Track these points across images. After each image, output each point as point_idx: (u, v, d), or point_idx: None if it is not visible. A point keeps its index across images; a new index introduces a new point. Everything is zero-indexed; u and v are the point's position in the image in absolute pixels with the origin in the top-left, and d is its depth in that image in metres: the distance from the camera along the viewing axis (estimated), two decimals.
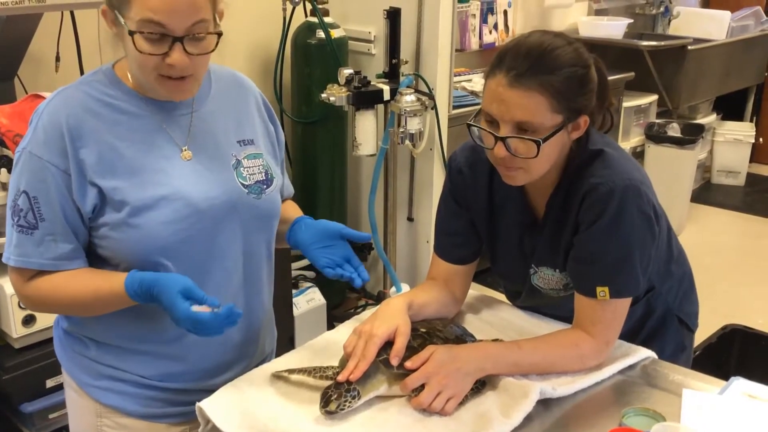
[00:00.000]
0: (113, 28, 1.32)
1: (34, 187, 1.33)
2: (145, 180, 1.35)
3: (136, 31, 1.26)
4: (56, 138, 1.32)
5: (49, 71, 2.80)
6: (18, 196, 1.34)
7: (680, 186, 4.48)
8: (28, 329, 2.17)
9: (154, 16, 1.25)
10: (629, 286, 1.47)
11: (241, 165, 1.47)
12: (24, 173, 1.33)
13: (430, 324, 1.54)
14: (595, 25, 4.66)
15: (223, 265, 1.45)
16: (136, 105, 1.38)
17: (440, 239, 1.69)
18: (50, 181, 1.32)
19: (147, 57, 1.28)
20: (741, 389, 1.41)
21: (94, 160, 1.33)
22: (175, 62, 1.28)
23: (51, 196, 1.33)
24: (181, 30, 1.27)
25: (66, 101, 1.35)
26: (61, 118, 1.33)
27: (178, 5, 1.25)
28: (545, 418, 1.36)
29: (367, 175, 3.54)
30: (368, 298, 3.72)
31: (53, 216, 1.34)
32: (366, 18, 3.40)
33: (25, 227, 1.34)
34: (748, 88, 5.58)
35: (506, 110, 1.37)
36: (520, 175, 1.45)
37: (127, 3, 1.26)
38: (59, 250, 1.36)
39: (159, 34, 1.26)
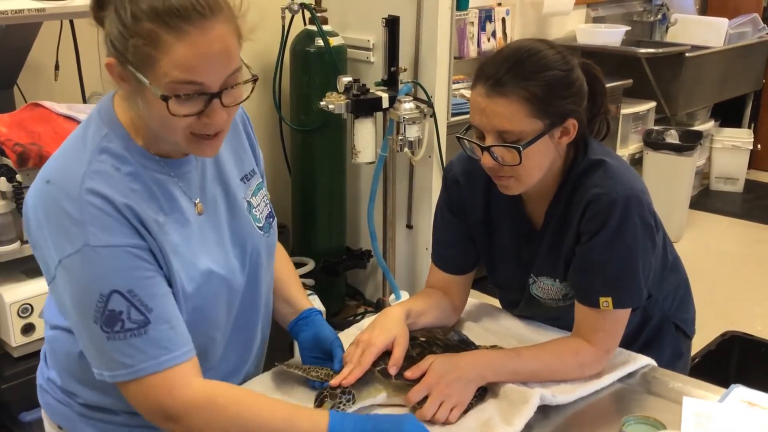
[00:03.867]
0: (123, 85, 1.16)
1: (121, 279, 1.14)
2: (188, 255, 1.24)
3: (169, 95, 1.11)
4: (120, 221, 1.15)
5: (48, 80, 2.80)
6: (104, 301, 1.13)
7: (679, 193, 4.48)
8: (27, 338, 2.17)
9: (189, 75, 1.10)
10: (633, 296, 1.47)
11: (252, 206, 1.39)
12: (97, 273, 1.13)
13: (429, 332, 1.54)
14: (593, 33, 4.67)
15: (252, 309, 1.42)
16: (154, 168, 1.23)
17: (437, 249, 1.69)
18: (135, 265, 1.15)
19: (179, 119, 1.13)
20: (741, 397, 1.41)
21: (152, 240, 1.19)
22: (214, 121, 1.16)
23: (144, 280, 1.16)
24: (218, 85, 1.13)
25: (107, 182, 1.16)
26: (114, 200, 1.16)
27: (213, 59, 1.12)
28: (545, 426, 1.36)
29: (366, 183, 3.54)
30: (367, 305, 3.71)
31: (160, 301, 1.17)
32: (365, 26, 3.40)
33: (134, 329, 1.14)
34: (746, 94, 5.58)
35: (487, 120, 1.38)
36: (512, 184, 1.45)
37: (151, 61, 1.10)
38: (182, 334, 1.19)
39: (194, 93, 1.12)
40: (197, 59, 1.10)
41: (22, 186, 2.08)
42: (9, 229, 2.13)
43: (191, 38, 1.09)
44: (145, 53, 1.10)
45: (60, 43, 2.76)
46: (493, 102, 1.36)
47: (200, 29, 1.10)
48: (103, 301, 1.13)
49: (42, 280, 2.15)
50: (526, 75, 1.36)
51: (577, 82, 1.41)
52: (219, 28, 1.12)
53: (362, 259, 3.62)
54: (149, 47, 1.10)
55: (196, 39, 1.10)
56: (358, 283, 3.81)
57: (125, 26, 1.11)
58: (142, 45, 1.10)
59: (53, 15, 2.25)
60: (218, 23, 1.11)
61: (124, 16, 1.11)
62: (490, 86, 1.36)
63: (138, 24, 1.10)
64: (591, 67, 1.48)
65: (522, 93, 1.35)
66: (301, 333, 1.49)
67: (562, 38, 4.66)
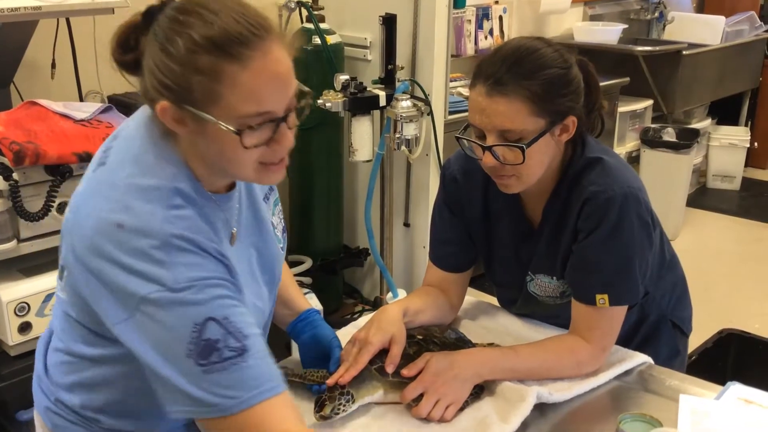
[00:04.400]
0: (179, 128, 1.08)
1: (216, 308, 1.06)
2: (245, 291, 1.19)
3: (242, 129, 1.05)
4: (205, 257, 1.09)
5: (45, 78, 2.79)
6: (198, 331, 1.04)
7: (675, 191, 4.49)
8: (24, 337, 2.17)
9: (259, 104, 1.05)
10: (629, 294, 1.47)
11: (275, 227, 1.34)
12: (189, 305, 1.05)
13: (427, 330, 1.54)
14: (590, 31, 4.67)
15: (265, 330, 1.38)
16: (211, 207, 1.16)
17: (435, 248, 1.69)
18: (225, 294, 1.09)
19: (251, 151, 1.08)
20: (738, 394, 1.41)
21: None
22: (284, 145, 1.11)
23: (236, 308, 1.09)
24: (284, 109, 1.08)
25: (189, 225, 1.09)
26: (201, 241, 1.09)
27: (279, 83, 1.07)
28: (542, 424, 1.36)
29: (363, 181, 3.54)
30: (365, 303, 3.71)
31: (251, 330, 1.10)
32: (362, 24, 3.40)
33: (233, 357, 1.05)
34: (743, 92, 5.58)
35: (488, 120, 1.37)
36: (513, 183, 1.45)
37: (215, 96, 1.03)
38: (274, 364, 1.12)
39: (264, 122, 1.07)
40: (265, 86, 1.05)
41: (18, 184, 2.07)
42: (5, 227, 2.13)
43: (255, 64, 1.03)
44: (207, 89, 1.03)
45: (56, 41, 2.76)
46: (494, 101, 1.36)
47: (261, 51, 1.04)
48: (197, 331, 1.04)
49: (39, 279, 2.17)
50: (526, 74, 1.36)
51: (575, 79, 1.41)
52: (276, 48, 1.06)
53: (359, 257, 3.62)
54: (212, 82, 1.03)
55: (261, 64, 1.04)
56: (355, 282, 3.81)
57: (180, 63, 1.03)
58: (202, 81, 1.03)
59: (50, 13, 2.24)
60: (274, 43, 1.06)
61: (176, 53, 1.03)
62: (491, 86, 1.36)
63: (195, 59, 1.02)
64: (585, 64, 1.48)
65: (523, 92, 1.35)
66: (301, 334, 1.48)
67: (559, 36, 4.66)
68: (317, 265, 3.46)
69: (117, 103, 2.61)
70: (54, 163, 2.11)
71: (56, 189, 2.12)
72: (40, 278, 2.20)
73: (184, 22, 1.04)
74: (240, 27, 1.04)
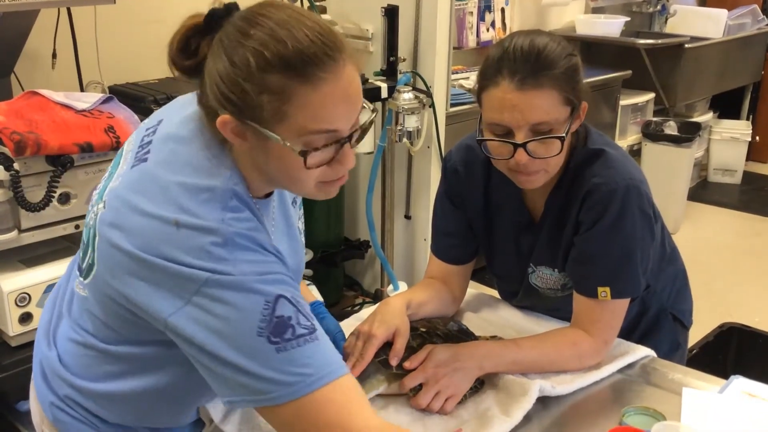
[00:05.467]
0: (238, 141, 1.06)
1: (285, 288, 1.05)
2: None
3: (308, 150, 1.03)
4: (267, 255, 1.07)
5: (45, 68, 2.79)
6: (270, 307, 1.02)
7: (677, 184, 4.48)
8: (24, 327, 2.17)
9: (327, 126, 1.03)
10: (630, 287, 1.47)
11: (300, 231, 1.33)
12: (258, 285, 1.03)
13: (429, 323, 1.54)
14: (592, 23, 4.66)
15: None
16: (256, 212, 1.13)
17: (437, 239, 1.69)
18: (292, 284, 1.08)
19: (314, 170, 1.06)
20: (741, 388, 1.41)
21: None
22: (346, 165, 1.09)
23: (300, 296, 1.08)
24: (349, 128, 1.07)
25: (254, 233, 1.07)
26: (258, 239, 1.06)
27: (349, 105, 1.05)
28: (544, 418, 1.36)
29: (364, 173, 3.53)
30: (365, 296, 3.71)
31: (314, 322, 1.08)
32: (363, 15, 3.39)
33: (306, 333, 1.03)
34: (745, 86, 5.58)
35: (521, 115, 1.34)
36: (540, 177, 1.43)
37: (282, 115, 1.01)
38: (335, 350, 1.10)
39: (330, 143, 1.05)
40: (334, 108, 1.03)
41: (19, 174, 2.07)
42: (6, 218, 2.12)
43: (327, 86, 1.01)
44: (275, 108, 1.01)
45: (57, 31, 2.75)
46: (528, 95, 1.33)
47: (334, 74, 1.02)
48: (269, 308, 1.01)
49: (39, 269, 2.17)
50: (549, 64, 1.34)
51: (581, 66, 1.41)
52: (348, 69, 1.04)
53: (360, 249, 3.61)
54: (281, 102, 1.00)
55: (332, 86, 1.02)
56: (356, 274, 3.81)
57: (249, 80, 1.00)
58: (271, 100, 1.00)
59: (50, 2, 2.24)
60: (346, 64, 1.04)
61: (244, 69, 1.00)
62: (520, 81, 1.33)
63: (266, 77, 1.00)
64: None
65: (553, 82, 1.34)
66: None
67: (561, 29, 4.65)
68: (318, 257, 3.46)
69: (118, 93, 2.60)
70: (55, 153, 2.10)
71: (57, 179, 2.11)
72: (41, 269, 2.19)
73: (255, 37, 1.01)
74: (314, 47, 1.01)
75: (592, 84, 3.84)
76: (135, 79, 2.88)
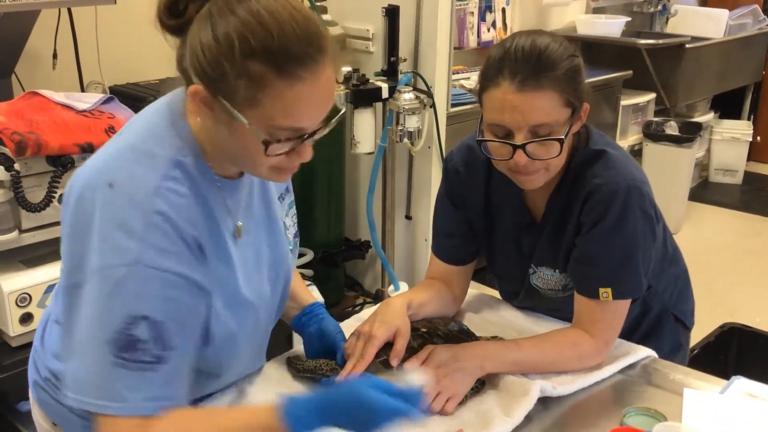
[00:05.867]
0: (205, 111, 1.08)
1: (162, 309, 1.05)
2: (229, 281, 1.19)
3: (271, 140, 1.06)
4: (179, 246, 1.07)
5: (46, 68, 2.79)
6: (130, 324, 1.03)
7: (678, 184, 4.48)
8: (25, 327, 2.17)
9: (295, 122, 1.06)
10: (632, 288, 1.47)
11: (286, 228, 1.35)
12: (139, 294, 1.04)
13: (430, 323, 1.54)
14: (593, 23, 4.65)
15: (272, 323, 1.40)
16: (214, 191, 1.16)
17: (438, 240, 1.69)
18: (181, 299, 1.08)
19: (272, 157, 1.09)
20: (742, 388, 1.41)
21: (208, 271, 1.13)
22: (304, 157, 1.13)
23: (183, 316, 1.08)
24: (314, 126, 1.10)
25: (177, 205, 1.08)
26: (182, 227, 1.08)
27: (321, 105, 1.08)
28: (545, 418, 1.35)
29: (365, 174, 3.53)
30: (366, 296, 3.71)
31: (183, 342, 1.09)
32: (364, 16, 3.39)
33: (148, 362, 1.04)
34: (746, 86, 5.57)
35: (521, 116, 1.34)
36: (540, 177, 1.43)
37: (254, 102, 1.03)
38: (184, 384, 1.11)
39: (294, 137, 1.08)
40: (305, 106, 1.05)
41: (20, 175, 2.07)
42: (7, 218, 2.12)
43: (304, 86, 1.03)
44: (248, 94, 1.02)
45: (58, 31, 2.75)
46: (528, 97, 1.33)
47: (313, 75, 1.03)
48: (129, 324, 1.03)
49: (40, 270, 2.17)
50: (551, 65, 1.34)
51: (583, 67, 1.41)
52: (327, 71, 1.06)
53: (361, 249, 3.61)
54: (255, 89, 1.02)
55: (309, 86, 1.03)
56: (356, 274, 3.81)
57: (229, 60, 1.01)
58: (247, 85, 1.02)
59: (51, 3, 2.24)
60: (327, 66, 1.05)
61: (228, 49, 1.01)
62: (521, 82, 1.33)
63: (247, 62, 1.01)
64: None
65: (553, 84, 1.33)
66: (306, 328, 1.48)
67: (562, 29, 4.65)
68: (318, 257, 3.46)
69: (119, 93, 2.61)
70: (56, 153, 2.10)
71: (58, 180, 2.11)
72: (42, 269, 2.19)
73: (243, 17, 1.01)
74: (300, 46, 1.02)
75: (593, 84, 3.84)
76: (136, 80, 2.88)
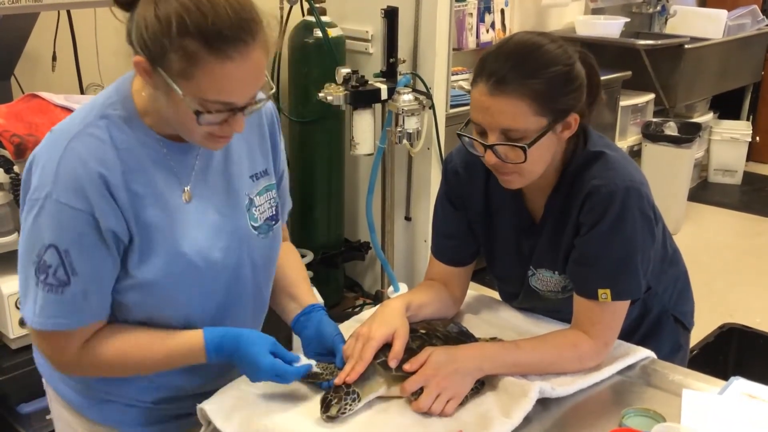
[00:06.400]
0: (147, 80, 1.19)
1: (65, 238, 1.20)
2: (163, 235, 1.28)
3: (202, 111, 1.16)
4: (89, 187, 1.19)
5: (45, 71, 2.79)
6: (43, 250, 1.21)
7: (677, 185, 4.48)
8: (24, 330, 2.17)
9: (224, 97, 1.17)
10: (631, 289, 1.47)
11: (253, 205, 1.40)
12: (49, 224, 1.20)
13: (429, 324, 1.54)
14: (592, 24, 4.66)
15: (238, 304, 1.43)
16: (151, 146, 1.28)
17: (437, 241, 1.69)
18: (84, 231, 1.21)
19: (204, 126, 1.19)
20: (741, 389, 1.41)
21: (123, 215, 1.23)
22: (235, 128, 1.23)
23: (84, 247, 1.21)
24: (245, 101, 1.20)
25: (91, 147, 1.22)
26: (91, 166, 1.20)
27: (248, 83, 1.18)
28: (545, 419, 1.35)
29: (364, 175, 3.53)
30: (366, 297, 3.71)
31: (87, 270, 1.23)
32: (363, 17, 3.39)
33: (54, 285, 1.22)
34: (745, 86, 5.58)
35: (491, 118, 1.36)
36: (515, 179, 1.44)
37: (188, 75, 1.14)
38: (92, 306, 1.26)
39: (224, 110, 1.19)
40: (234, 83, 1.16)
41: (19, 177, 2.07)
42: (6, 220, 2.13)
43: (233, 64, 1.13)
44: (182, 67, 1.13)
45: (57, 33, 2.75)
46: (497, 101, 1.34)
47: (242, 55, 1.14)
48: (42, 250, 1.20)
49: None
50: (529, 72, 1.34)
51: (579, 76, 1.40)
52: (257, 53, 1.16)
53: (361, 251, 3.62)
54: (188, 63, 1.13)
55: (237, 65, 1.14)
56: (356, 275, 3.81)
57: (167, 36, 1.12)
58: (182, 59, 1.12)
59: (50, 5, 2.24)
60: (256, 48, 1.16)
61: (166, 27, 1.12)
62: (493, 84, 1.34)
63: (182, 40, 1.12)
64: (587, 57, 1.47)
65: (526, 91, 1.34)
66: (304, 329, 1.48)
67: (561, 30, 4.65)
68: (318, 258, 3.46)
69: None
70: None
71: None
72: None
73: (183, 3, 1.12)
74: (232, 29, 1.12)
75: None
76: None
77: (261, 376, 1.31)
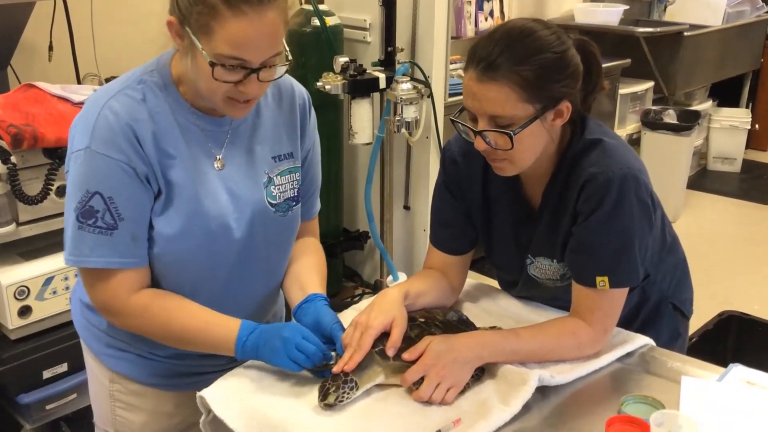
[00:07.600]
0: (178, 41, 1.31)
1: (106, 186, 1.32)
2: (189, 195, 1.38)
3: (216, 63, 1.26)
4: (122, 139, 1.31)
5: (42, 61, 2.78)
6: (88, 197, 1.32)
7: (676, 173, 4.48)
8: (24, 320, 2.17)
9: (236, 51, 1.25)
10: (629, 276, 1.47)
11: (272, 183, 1.49)
12: (91, 174, 1.32)
13: (428, 313, 1.54)
14: (591, 12, 4.64)
15: (248, 276, 1.51)
16: (183, 114, 1.39)
17: (435, 230, 1.69)
18: (124, 179, 1.32)
19: (221, 84, 1.28)
20: (740, 376, 1.41)
21: (152, 167, 1.35)
22: (248, 90, 1.31)
23: (127, 194, 1.33)
24: (259, 62, 1.28)
25: (126, 105, 1.34)
26: (124, 120, 1.32)
27: (261, 41, 1.26)
28: (544, 407, 1.36)
29: (363, 164, 3.53)
30: (365, 287, 3.72)
31: (132, 214, 1.34)
32: (361, 5, 3.38)
33: (103, 228, 1.33)
34: (744, 74, 5.57)
35: (479, 104, 1.37)
36: (506, 166, 1.44)
37: (208, 29, 1.25)
38: (141, 250, 1.37)
39: (237, 66, 1.27)
40: (247, 39, 1.25)
41: (16, 168, 2.06)
42: (4, 211, 2.12)
43: (247, 18, 1.23)
44: (203, 22, 1.24)
45: (54, 23, 2.74)
46: (485, 87, 1.35)
47: (257, 12, 1.23)
48: (87, 197, 1.31)
49: (38, 263, 2.18)
50: (518, 59, 1.34)
51: (571, 63, 1.39)
52: (272, 14, 1.25)
53: (359, 240, 3.61)
54: (209, 17, 1.23)
55: (251, 21, 1.23)
56: (355, 265, 3.81)
57: None
58: (203, 13, 1.24)
59: None
60: (272, 10, 1.25)
61: None
62: (482, 70, 1.34)
63: None
64: (587, 44, 1.45)
65: (514, 78, 1.33)
66: (303, 317, 1.49)
67: (559, 17, 4.64)
68: None
69: None
70: (52, 146, 2.10)
71: (55, 172, 2.11)
72: (40, 262, 2.20)
73: None
74: None
75: None
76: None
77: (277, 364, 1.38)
